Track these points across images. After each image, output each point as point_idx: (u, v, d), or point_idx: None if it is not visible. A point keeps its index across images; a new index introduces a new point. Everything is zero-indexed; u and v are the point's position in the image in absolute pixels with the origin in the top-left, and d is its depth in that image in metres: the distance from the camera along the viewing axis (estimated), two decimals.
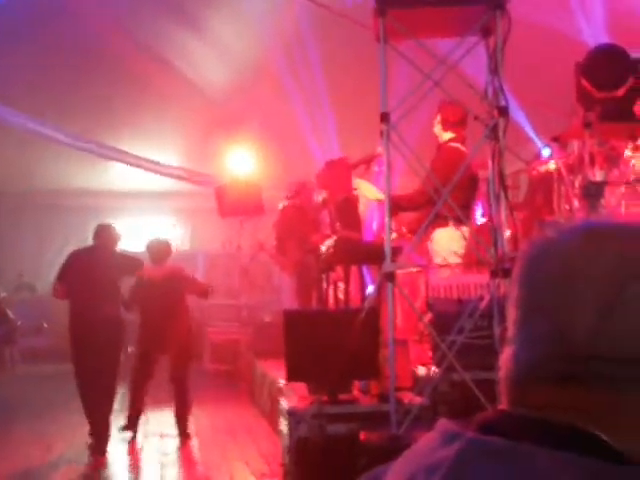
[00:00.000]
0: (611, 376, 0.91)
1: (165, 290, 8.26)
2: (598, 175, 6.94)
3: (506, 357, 1.01)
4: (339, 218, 7.29)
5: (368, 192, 6.55)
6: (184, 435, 8.21)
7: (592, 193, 6.20)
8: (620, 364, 0.91)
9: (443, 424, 1.05)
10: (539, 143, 10.22)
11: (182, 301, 8.51)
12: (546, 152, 9.84)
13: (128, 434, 8.13)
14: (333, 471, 4.69)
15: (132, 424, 8.20)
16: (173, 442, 8.15)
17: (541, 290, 0.96)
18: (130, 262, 8.43)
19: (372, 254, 5.83)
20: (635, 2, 8.34)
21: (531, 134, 9.80)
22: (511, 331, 1.01)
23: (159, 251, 8.66)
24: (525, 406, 0.95)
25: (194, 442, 8.15)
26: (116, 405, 8.11)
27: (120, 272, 8.25)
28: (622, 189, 7.44)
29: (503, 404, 1.01)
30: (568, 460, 0.87)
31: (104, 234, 8.32)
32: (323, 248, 6.25)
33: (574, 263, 0.94)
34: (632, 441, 0.91)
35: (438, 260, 6.56)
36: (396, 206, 5.94)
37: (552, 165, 8.67)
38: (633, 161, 7.22)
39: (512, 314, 1.01)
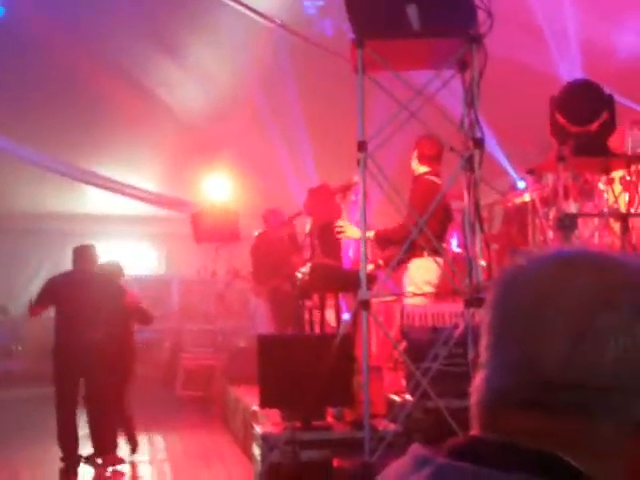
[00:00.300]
0: (581, 404, 0.92)
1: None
2: (572, 208, 7.02)
3: (478, 382, 1.02)
4: (319, 244, 7.33)
5: (353, 233, 6.51)
6: (134, 443, 8.28)
7: (566, 225, 6.25)
8: (590, 393, 0.92)
9: (415, 449, 1.05)
10: (514, 176, 10.34)
11: (128, 322, 8.57)
12: (521, 185, 9.96)
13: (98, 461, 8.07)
14: None
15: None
16: (145, 468, 8.09)
17: (512, 317, 0.97)
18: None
19: (348, 282, 5.85)
20: (609, 40, 8.50)
21: (506, 167, 9.91)
22: (483, 356, 1.02)
23: (111, 274, 8.64)
24: (496, 431, 0.96)
25: (166, 468, 8.09)
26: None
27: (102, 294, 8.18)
28: (595, 221, 7.54)
29: (474, 429, 1.03)
30: None
31: (83, 256, 8.29)
32: (299, 275, 6.26)
33: (545, 291, 0.95)
34: (602, 468, 0.92)
35: (412, 289, 6.60)
36: (386, 240, 6.03)
37: (527, 197, 8.76)
38: (606, 194, 7.32)
39: (485, 339, 1.02)
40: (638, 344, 0.93)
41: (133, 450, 8.30)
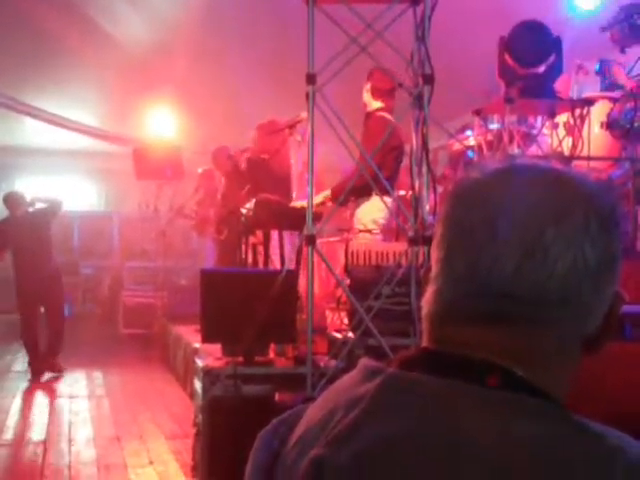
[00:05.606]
0: (529, 317, 0.93)
1: None
2: (516, 152, 7.06)
3: (428, 295, 1.02)
4: (265, 180, 7.28)
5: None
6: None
7: None
8: (539, 306, 0.93)
9: (365, 362, 1.06)
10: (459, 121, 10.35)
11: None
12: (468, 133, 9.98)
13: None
14: (246, 431, 4.67)
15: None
16: (83, 403, 8.06)
17: (465, 229, 0.96)
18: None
19: (293, 218, 5.82)
20: None
21: (453, 109, 9.89)
22: (434, 270, 1.01)
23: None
24: (445, 343, 0.97)
25: (105, 403, 8.07)
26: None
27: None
28: None
29: (424, 342, 1.03)
30: (480, 393, 0.90)
31: (17, 201, 9.56)
32: (244, 210, 6.20)
33: (499, 204, 0.94)
34: (547, 379, 0.94)
35: (359, 227, 6.61)
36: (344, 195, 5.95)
37: (472, 141, 8.79)
38: (549, 139, 7.38)
39: (436, 253, 1.01)
40: (587, 259, 0.93)
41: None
